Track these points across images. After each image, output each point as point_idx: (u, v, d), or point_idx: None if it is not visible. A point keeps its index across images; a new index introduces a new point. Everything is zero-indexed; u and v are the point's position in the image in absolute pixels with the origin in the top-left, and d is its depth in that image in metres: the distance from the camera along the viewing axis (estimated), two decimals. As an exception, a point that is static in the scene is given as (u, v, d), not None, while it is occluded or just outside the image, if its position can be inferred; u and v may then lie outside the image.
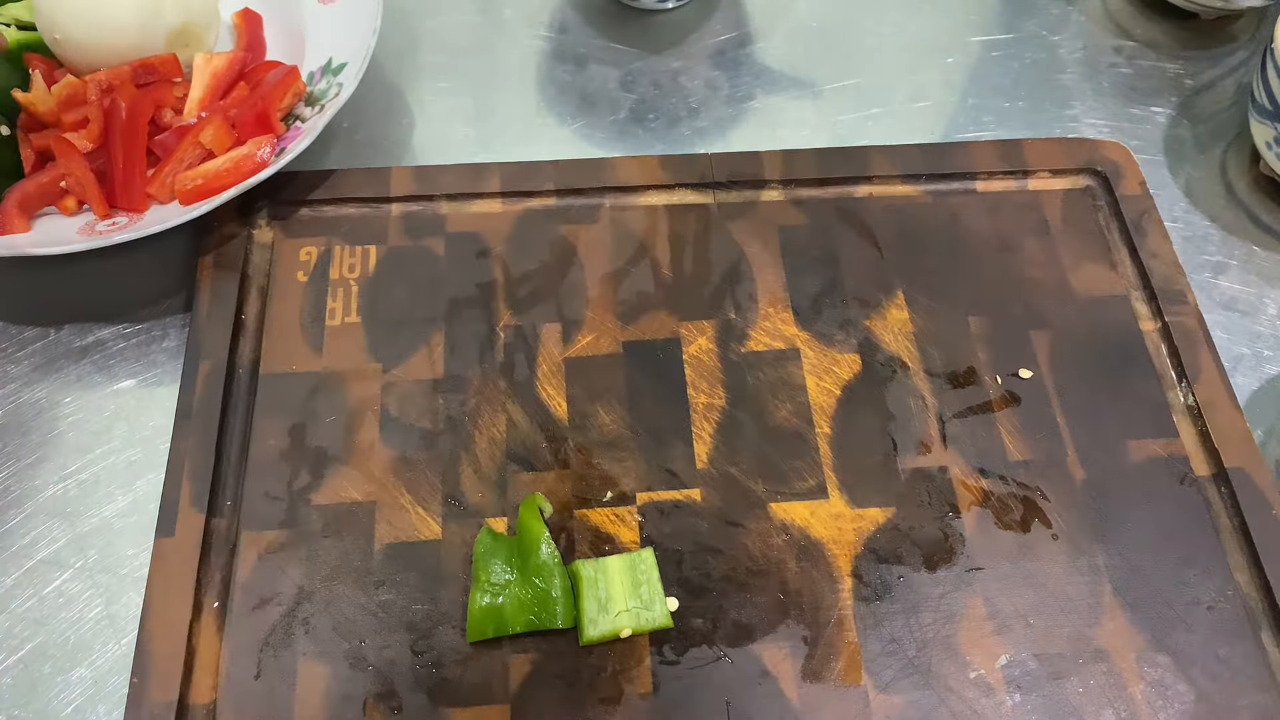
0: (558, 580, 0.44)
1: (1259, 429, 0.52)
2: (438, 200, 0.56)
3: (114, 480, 0.49)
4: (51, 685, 0.44)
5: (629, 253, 0.55)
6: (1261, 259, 0.58)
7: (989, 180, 0.58)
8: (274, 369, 0.51)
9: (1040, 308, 0.54)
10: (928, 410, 0.50)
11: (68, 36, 0.56)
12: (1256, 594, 0.46)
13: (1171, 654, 0.44)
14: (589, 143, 0.62)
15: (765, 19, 0.68)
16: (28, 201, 0.53)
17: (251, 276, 0.54)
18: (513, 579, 0.44)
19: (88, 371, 0.52)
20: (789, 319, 0.53)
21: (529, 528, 0.45)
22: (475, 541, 0.45)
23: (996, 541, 0.47)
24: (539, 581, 0.44)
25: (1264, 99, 0.57)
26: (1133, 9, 0.70)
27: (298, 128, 0.56)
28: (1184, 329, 0.53)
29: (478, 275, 0.54)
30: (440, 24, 0.67)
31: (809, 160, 0.58)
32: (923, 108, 0.64)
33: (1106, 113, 0.64)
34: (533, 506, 0.46)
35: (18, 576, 0.46)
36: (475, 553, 0.45)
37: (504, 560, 0.45)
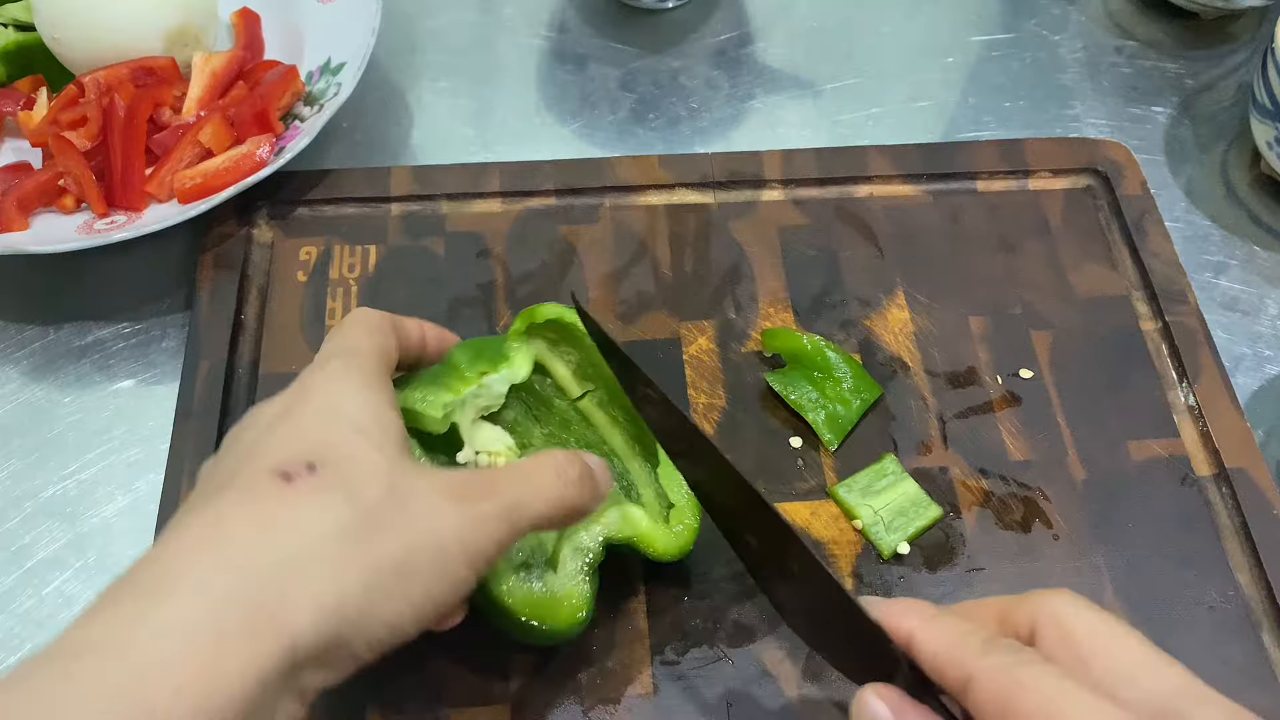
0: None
1: (1260, 429, 0.52)
2: (438, 200, 0.56)
3: (114, 480, 0.49)
4: (51, 686, 0.44)
5: (629, 253, 0.55)
6: (1262, 259, 0.58)
7: (989, 180, 0.58)
8: (274, 369, 0.51)
9: (1041, 308, 0.54)
10: (928, 410, 0.50)
11: (66, 36, 0.56)
12: (1257, 594, 0.46)
13: (1172, 654, 0.43)
14: (589, 142, 0.62)
15: (765, 18, 0.68)
16: (26, 200, 0.53)
17: (251, 276, 0.53)
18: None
19: (87, 371, 0.52)
20: (789, 319, 0.53)
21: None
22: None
23: (997, 542, 0.47)
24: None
25: (1264, 99, 0.57)
26: (1133, 8, 0.70)
27: (296, 127, 0.56)
28: (1185, 329, 0.53)
29: (478, 275, 0.54)
30: (440, 23, 0.67)
31: (809, 160, 0.58)
32: (923, 107, 0.64)
33: (1107, 112, 0.64)
34: None
35: (17, 576, 0.46)
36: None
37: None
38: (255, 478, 0.32)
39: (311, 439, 0.33)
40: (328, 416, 0.34)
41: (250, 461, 0.33)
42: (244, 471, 0.32)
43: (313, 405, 0.35)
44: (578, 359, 0.46)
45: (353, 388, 0.35)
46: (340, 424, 0.34)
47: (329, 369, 0.36)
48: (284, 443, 0.33)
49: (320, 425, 0.34)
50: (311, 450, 0.33)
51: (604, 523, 0.41)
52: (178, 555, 0.30)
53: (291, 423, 0.34)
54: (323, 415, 0.34)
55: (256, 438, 0.34)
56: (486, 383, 0.42)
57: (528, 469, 0.37)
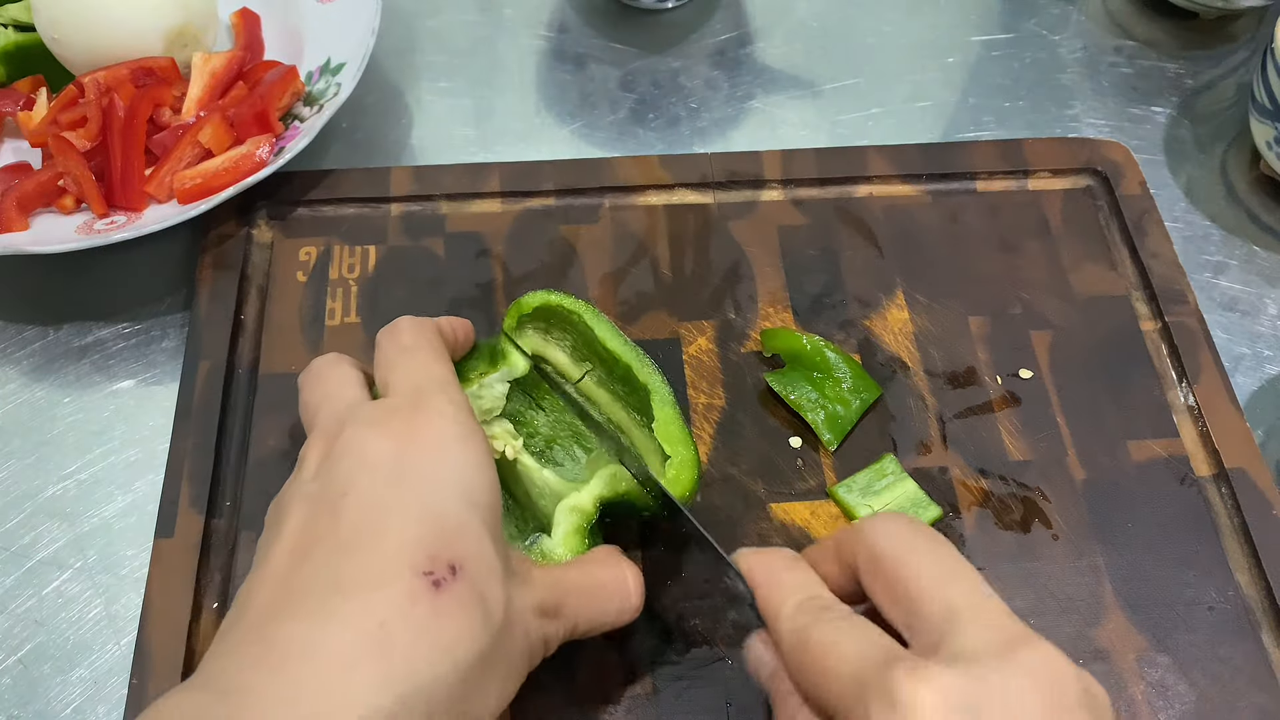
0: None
1: (1259, 429, 0.52)
2: (437, 200, 0.56)
3: (113, 480, 0.49)
4: (51, 686, 0.44)
5: (629, 253, 0.55)
6: (1262, 259, 0.58)
7: (989, 180, 0.58)
8: (273, 369, 0.51)
9: (1040, 308, 0.54)
10: (928, 410, 0.50)
11: (66, 37, 0.56)
12: (1257, 594, 0.46)
13: (1172, 654, 0.44)
14: (589, 142, 0.62)
15: (765, 18, 0.68)
16: (26, 200, 0.53)
17: (251, 276, 0.53)
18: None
19: (87, 371, 0.52)
20: (789, 319, 0.53)
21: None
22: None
23: (997, 542, 0.47)
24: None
25: (1264, 99, 0.57)
26: (1133, 8, 0.70)
27: (296, 127, 0.56)
28: (1184, 329, 0.53)
29: (477, 275, 0.54)
30: (440, 24, 0.67)
31: (809, 160, 0.58)
32: (923, 107, 0.64)
33: (1107, 112, 0.64)
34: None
35: (17, 576, 0.46)
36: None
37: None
38: (400, 574, 0.31)
39: (444, 525, 0.32)
40: (454, 491, 0.33)
41: (382, 539, 0.31)
42: (385, 561, 0.31)
43: (433, 467, 0.34)
44: (571, 342, 0.47)
45: (469, 447, 0.34)
46: (468, 506, 0.33)
47: (438, 414, 0.35)
48: (417, 524, 0.32)
49: (448, 505, 0.33)
50: (449, 545, 0.32)
51: (597, 481, 0.42)
52: (331, 651, 0.29)
53: (416, 492, 0.33)
54: (448, 489, 0.33)
55: (376, 496, 0.33)
56: (486, 383, 0.43)
57: (601, 585, 0.38)
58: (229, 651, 0.30)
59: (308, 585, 0.31)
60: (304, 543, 0.32)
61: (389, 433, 0.34)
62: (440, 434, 0.34)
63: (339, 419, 0.35)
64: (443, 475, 0.33)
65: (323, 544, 0.32)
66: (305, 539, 0.32)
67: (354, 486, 0.33)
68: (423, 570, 0.31)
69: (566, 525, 0.41)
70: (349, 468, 0.33)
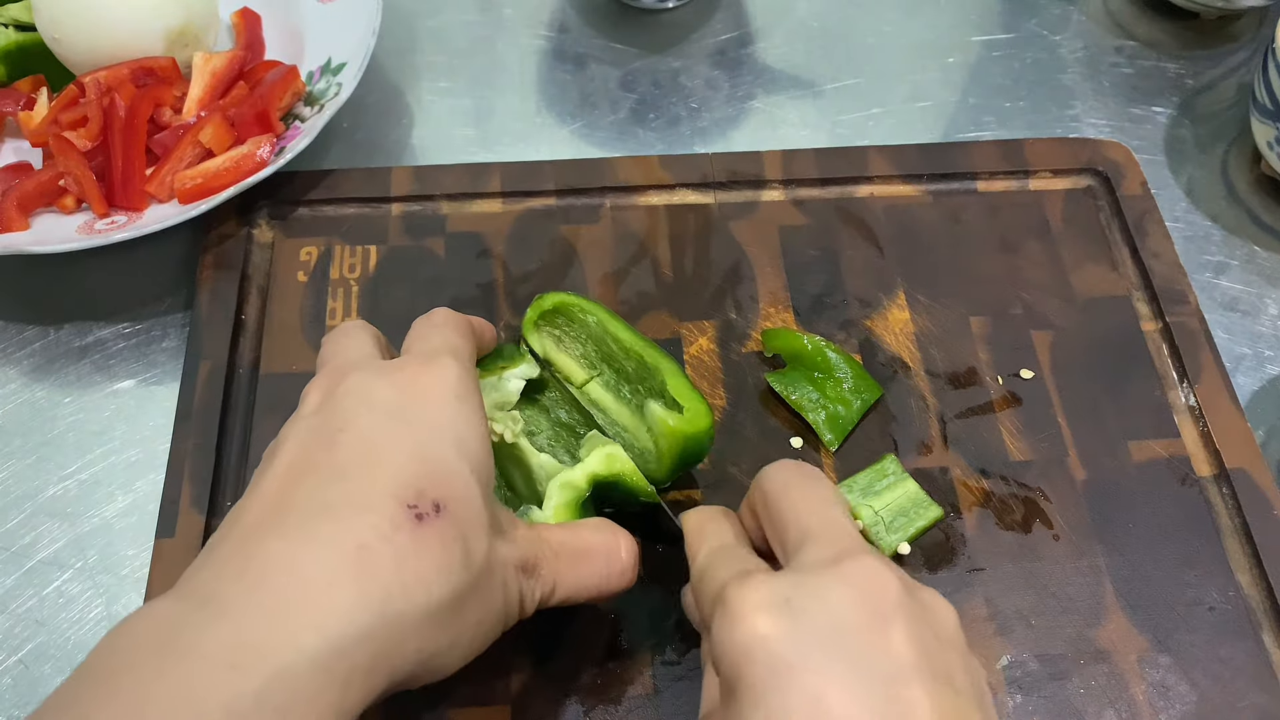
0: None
1: (1260, 429, 0.52)
2: (438, 200, 0.56)
3: (114, 480, 0.49)
4: (52, 686, 0.44)
5: (629, 253, 0.55)
6: (1263, 259, 0.58)
7: (990, 180, 0.58)
8: (274, 369, 0.51)
9: (1041, 308, 0.54)
10: (929, 411, 0.50)
11: (67, 36, 0.56)
12: (1258, 595, 0.46)
13: (1173, 655, 0.44)
14: (589, 142, 0.62)
15: (766, 18, 0.68)
16: (26, 200, 0.53)
17: (251, 276, 0.53)
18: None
19: (87, 371, 0.52)
20: (790, 319, 0.53)
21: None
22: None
23: (998, 542, 0.47)
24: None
25: (1265, 99, 0.57)
26: (1134, 8, 0.70)
27: (297, 127, 0.56)
28: (1185, 329, 0.53)
29: (478, 275, 0.54)
30: (440, 23, 0.67)
31: (809, 160, 0.58)
32: (923, 107, 0.64)
33: (1107, 112, 0.64)
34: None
35: (18, 577, 0.46)
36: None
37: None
38: (385, 503, 0.32)
39: (435, 468, 0.33)
40: (448, 439, 0.34)
41: (373, 470, 0.32)
42: (371, 489, 0.32)
43: (432, 414, 0.35)
44: (583, 344, 0.48)
45: (467, 405, 0.36)
46: (459, 455, 0.34)
47: (444, 369, 0.36)
48: (409, 461, 0.33)
49: (441, 450, 0.34)
50: (436, 485, 0.33)
51: (592, 459, 0.42)
52: (311, 569, 0.30)
53: (412, 433, 0.34)
54: (443, 436, 0.34)
55: (373, 432, 0.34)
56: (505, 376, 0.45)
57: (587, 548, 0.38)
58: (211, 564, 0.31)
59: (296, 507, 0.32)
60: (297, 469, 0.33)
61: (393, 382, 0.35)
62: (442, 388, 0.35)
63: (348, 364, 0.37)
64: (440, 423, 0.34)
65: (315, 471, 0.33)
66: (299, 466, 0.33)
67: (352, 423, 0.34)
68: (408, 502, 0.32)
69: (558, 499, 0.41)
70: (350, 406, 0.34)
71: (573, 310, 0.47)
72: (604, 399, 0.47)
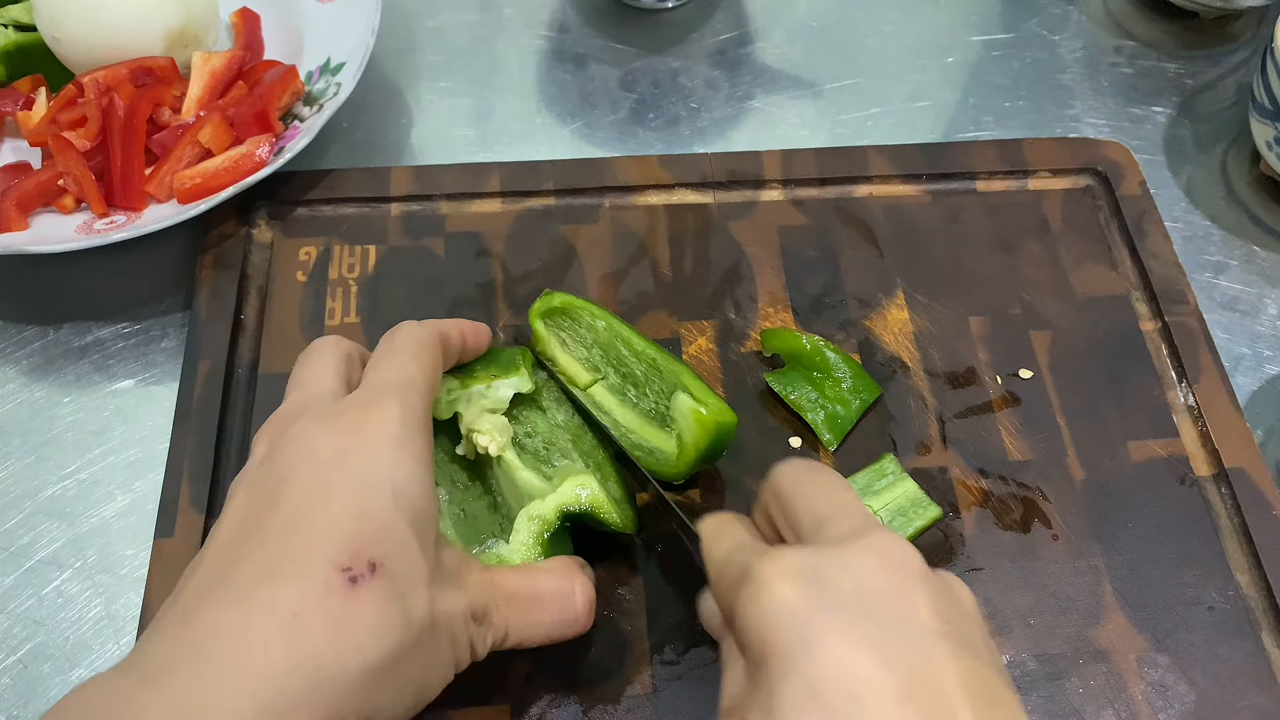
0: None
1: (1259, 429, 0.52)
2: (437, 200, 0.56)
3: (113, 480, 0.49)
4: (51, 685, 0.44)
5: (629, 253, 0.55)
6: (1262, 259, 0.58)
7: (989, 180, 0.58)
8: (273, 369, 0.51)
9: (1040, 308, 0.54)
10: (928, 410, 0.50)
11: (67, 36, 0.56)
12: (1257, 594, 0.46)
13: (1172, 654, 0.44)
14: (589, 142, 0.62)
15: (765, 18, 0.68)
16: (25, 200, 0.53)
17: (250, 276, 0.53)
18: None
19: (86, 371, 0.52)
20: (789, 319, 0.53)
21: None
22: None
23: (997, 542, 0.47)
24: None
25: (1264, 99, 0.57)
26: (1133, 8, 0.70)
27: (296, 127, 0.56)
28: (1184, 329, 0.53)
29: (477, 275, 0.54)
30: (440, 23, 0.67)
31: (809, 160, 0.58)
32: (923, 107, 0.64)
33: (1107, 112, 0.64)
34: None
35: (17, 576, 0.46)
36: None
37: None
38: (319, 567, 0.32)
39: (372, 525, 0.33)
40: (386, 491, 0.34)
41: (310, 531, 0.32)
42: (305, 552, 0.32)
43: (371, 464, 0.34)
44: (586, 352, 0.48)
45: (408, 453, 0.35)
46: (398, 508, 0.34)
47: (384, 413, 0.36)
48: (345, 520, 0.33)
49: (379, 504, 0.34)
50: (373, 543, 0.33)
51: (564, 489, 0.42)
52: (247, 636, 0.30)
53: (351, 488, 0.34)
54: (382, 489, 0.34)
55: (312, 489, 0.34)
56: (495, 385, 0.44)
57: (540, 595, 0.38)
58: (158, 634, 0.32)
59: (236, 572, 0.32)
60: (240, 529, 0.34)
61: (335, 429, 0.35)
62: (380, 434, 0.35)
63: (297, 409, 0.37)
64: (376, 474, 0.34)
65: (256, 532, 0.33)
66: (242, 526, 0.34)
67: (292, 477, 0.34)
68: (342, 565, 0.32)
69: (525, 533, 0.41)
70: (291, 460, 0.35)
71: (580, 313, 0.47)
72: (608, 401, 0.47)
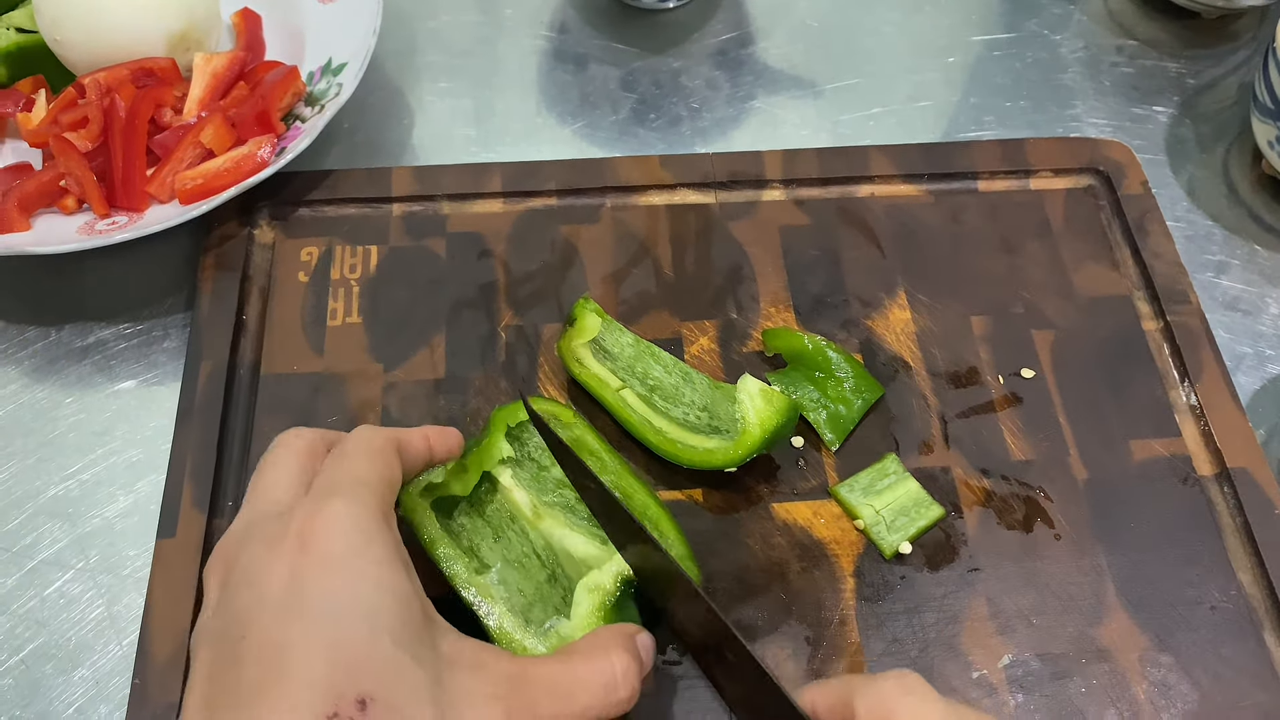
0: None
1: (1261, 428, 0.52)
2: (439, 200, 0.56)
3: (115, 481, 0.49)
4: (53, 686, 0.44)
5: (630, 253, 0.55)
6: (1264, 258, 0.58)
7: (990, 180, 0.58)
8: (275, 369, 0.51)
9: (1042, 307, 0.54)
10: (930, 410, 0.50)
11: (68, 38, 0.56)
12: (1260, 594, 0.46)
13: (1174, 654, 0.44)
14: (590, 142, 0.62)
15: (766, 19, 0.68)
16: (27, 200, 0.53)
17: (252, 277, 0.53)
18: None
19: (89, 372, 0.52)
20: (791, 319, 0.53)
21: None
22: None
23: (999, 541, 0.47)
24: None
25: (1266, 98, 0.57)
26: (1134, 8, 0.70)
27: (298, 128, 0.56)
28: (1186, 328, 0.53)
29: (479, 275, 0.54)
30: (440, 24, 0.67)
31: (810, 160, 0.58)
32: (924, 107, 0.64)
33: (1108, 112, 0.64)
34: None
35: (19, 577, 0.46)
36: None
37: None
38: (298, 714, 0.29)
39: (348, 658, 0.31)
40: (354, 611, 0.31)
41: (284, 685, 0.30)
42: (288, 711, 0.29)
43: (330, 585, 0.32)
44: (612, 365, 0.50)
45: (364, 558, 0.33)
46: (370, 625, 0.31)
47: (332, 519, 0.33)
48: (318, 662, 0.30)
49: (350, 631, 0.31)
50: (354, 680, 0.30)
51: (618, 559, 0.41)
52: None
53: (315, 621, 0.31)
54: (348, 610, 0.31)
55: (274, 634, 0.31)
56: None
57: (575, 682, 0.35)
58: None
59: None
60: (211, 693, 0.31)
61: (282, 554, 0.33)
62: (332, 547, 0.33)
63: (244, 531, 0.35)
64: (340, 599, 0.32)
65: (228, 695, 0.31)
66: (212, 689, 0.31)
67: (251, 626, 0.32)
68: (327, 715, 0.29)
69: (586, 605, 0.39)
70: (245, 602, 0.32)
71: (612, 326, 0.49)
72: (637, 405, 0.48)
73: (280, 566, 0.32)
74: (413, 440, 0.40)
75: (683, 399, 0.48)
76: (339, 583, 0.32)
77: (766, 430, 0.44)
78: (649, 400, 0.48)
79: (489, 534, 0.43)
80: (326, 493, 0.35)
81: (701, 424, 0.48)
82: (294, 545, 0.33)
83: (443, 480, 0.42)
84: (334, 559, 0.32)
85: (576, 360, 0.49)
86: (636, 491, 0.45)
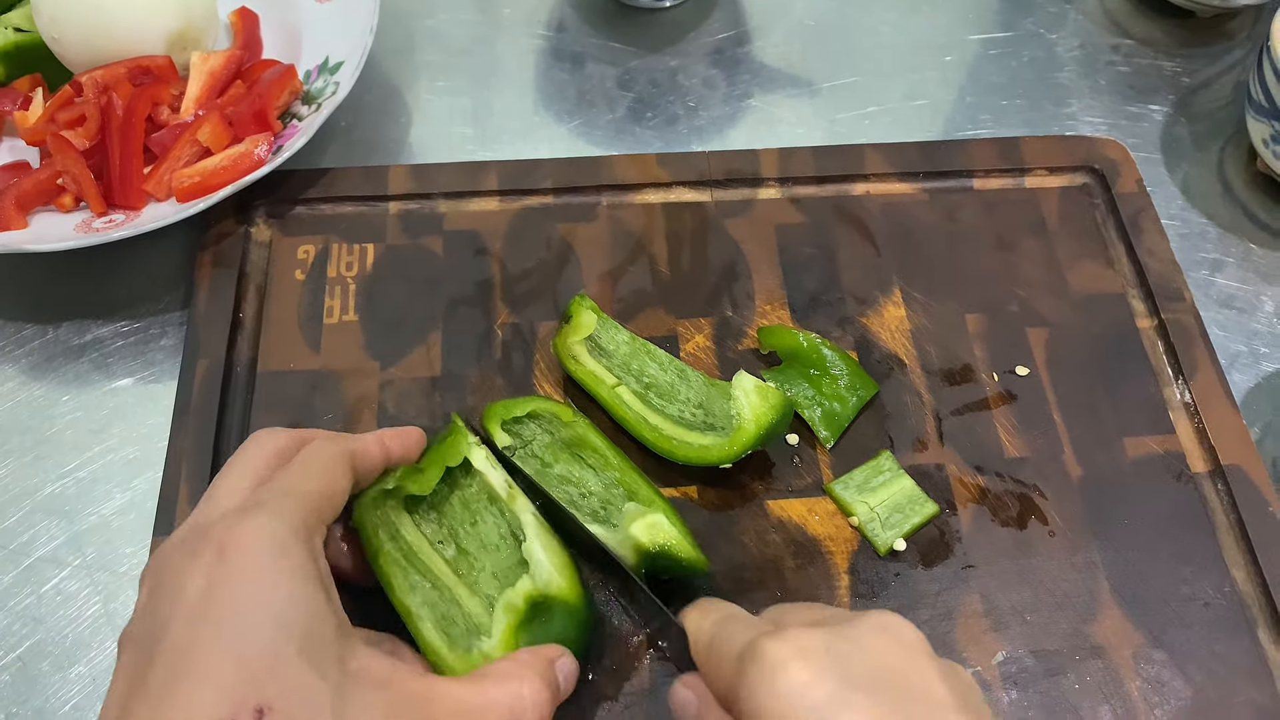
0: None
1: (1255, 426, 0.52)
2: (435, 199, 0.57)
3: (112, 478, 0.49)
4: (50, 683, 0.44)
5: (626, 251, 0.55)
6: (1258, 256, 0.58)
7: (986, 178, 0.58)
8: (272, 367, 0.51)
9: (1037, 305, 0.54)
10: (924, 407, 0.50)
11: (66, 36, 0.56)
12: (1253, 590, 0.46)
13: (1168, 650, 0.44)
14: (587, 141, 0.62)
15: (763, 17, 0.69)
16: (25, 199, 0.53)
17: (249, 274, 0.54)
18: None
19: (86, 369, 0.52)
20: (786, 317, 0.53)
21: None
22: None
23: (993, 538, 0.47)
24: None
25: (1260, 97, 0.57)
26: (1130, 7, 0.70)
27: (295, 126, 0.56)
28: (1181, 326, 0.53)
29: (475, 273, 0.54)
30: (438, 22, 0.67)
31: (806, 158, 0.58)
32: (920, 106, 0.64)
33: (1104, 110, 0.64)
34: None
35: (16, 574, 0.46)
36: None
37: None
38: (198, 716, 0.30)
39: (254, 667, 0.31)
40: (265, 622, 0.32)
41: (191, 690, 0.31)
42: (185, 701, 0.30)
43: (244, 593, 0.33)
44: (608, 361, 0.50)
45: (283, 572, 0.33)
46: (281, 635, 0.32)
47: (249, 533, 0.34)
48: (226, 669, 0.31)
49: (259, 640, 0.32)
50: (256, 688, 0.31)
51: (527, 578, 0.41)
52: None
53: (226, 628, 0.32)
54: (259, 620, 0.32)
55: (186, 639, 0.32)
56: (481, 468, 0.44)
57: (485, 705, 0.35)
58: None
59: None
60: (127, 693, 0.32)
61: (202, 564, 0.33)
62: (249, 558, 0.33)
63: (179, 539, 0.36)
64: (251, 607, 0.32)
65: (140, 694, 0.32)
66: (129, 687, 0.32)
67: (168, 629, 0.32)
68: (226, 719, 0.30)
69: (501, 625, 0.40)
70: (165, 606, 0.33)
71: (607, 324, 0.49)
72: (633, 401, 0.48)
73: (199, 575, 0.33)
74: (368, 448, 0.40)
75: (678, 396, 0.49)
76: (250, 593, 0.33)
77: (761, 427, 0.45)
78: (644, 397, 0.48)
79: (466, 519, 0.44)
80: (254, 505, 0.35)
81: (697, 421, 0.48)
82: (213, 555, 0.33)
83: (395, 486, 0.42)
84: (248, 570, 0.33)
85: (572, 357, 0.49)
86: (640, 488, 0.45)
